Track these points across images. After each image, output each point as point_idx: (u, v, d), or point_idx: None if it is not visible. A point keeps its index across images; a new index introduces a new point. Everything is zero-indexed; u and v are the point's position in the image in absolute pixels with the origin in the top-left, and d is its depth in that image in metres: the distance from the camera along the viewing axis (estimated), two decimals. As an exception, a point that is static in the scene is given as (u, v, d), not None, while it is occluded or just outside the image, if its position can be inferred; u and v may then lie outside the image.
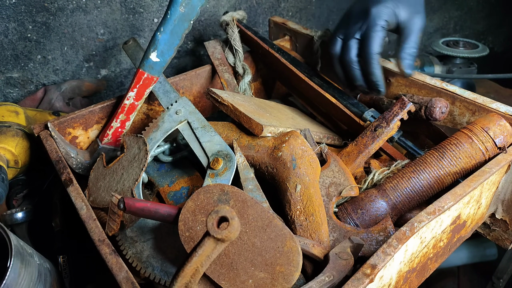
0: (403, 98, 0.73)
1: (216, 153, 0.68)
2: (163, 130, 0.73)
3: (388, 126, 0.73)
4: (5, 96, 1.06)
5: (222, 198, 0.53)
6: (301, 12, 1.50)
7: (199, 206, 0.52)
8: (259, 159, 0.69)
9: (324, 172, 0.70)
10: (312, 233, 0.60)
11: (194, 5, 0.74)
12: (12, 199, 0.87)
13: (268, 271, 0.50)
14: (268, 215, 0.52)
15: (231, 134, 0.73)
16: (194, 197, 0.53)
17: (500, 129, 0.68)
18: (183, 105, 0.75)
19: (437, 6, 1.88)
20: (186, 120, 0.73)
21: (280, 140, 0.69)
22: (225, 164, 0.66)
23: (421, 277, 0.67)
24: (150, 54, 0.77)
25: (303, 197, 0.63)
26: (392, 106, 0.74)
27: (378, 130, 0.74)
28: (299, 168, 0.65)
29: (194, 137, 0.71)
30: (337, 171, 0.71)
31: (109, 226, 0.60)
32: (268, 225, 0.52)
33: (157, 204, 0.53)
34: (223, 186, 0.54)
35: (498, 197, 0.75)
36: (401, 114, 0.73)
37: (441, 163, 0.67)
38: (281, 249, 0.50)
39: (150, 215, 0.52)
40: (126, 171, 0.65)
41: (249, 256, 0.50)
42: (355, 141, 0.75)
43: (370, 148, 0.73)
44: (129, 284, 0.50)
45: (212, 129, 0.71)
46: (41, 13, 1.00)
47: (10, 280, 0.57)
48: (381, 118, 0.75)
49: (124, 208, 0.51)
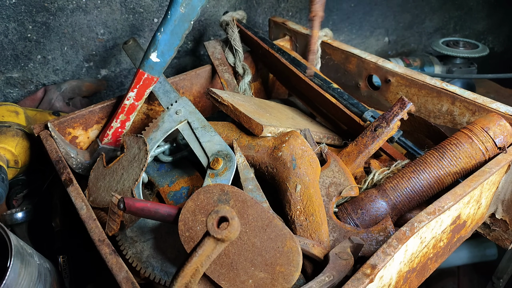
0: (403, 98, 0.73)
1: (216, 153, 0.68)
2: (163, 130, 0.73)
3: (388, 126, 0.73)
4: (5, 96, 1.06)
5: (222, 198, 0.53)
6: (301, 12, 1.50)
7: (199, 206, 0.52)
8: (259, 159, 0.69)
9: (324, 172, 0.70)
10: (312, 233, 0.60)
11: (194, 5, 0.74)
12: (12, 199, 0.87)
13: (268, 271, 0.50)
14: (268, 215, 0.52)
15: (231, 134, 0.73)
16: (194, 197, 0.53)
17: (500, 129, 0.68)
18: (183, 105, 0.75)
19: (437, 6, 1.88)
20: (186, 120, 0.73)
21: (280, 140, 0.69)
22: (225, 164, 0.66)
23: (421, 277, 0.67)
24: (150, 55, 0.77)
25: (303, 197, 0.63)
26: (392, 106, 0.74)
27: (378, 130, 0.74)
28: (299, 168, 0.65)
29: (194, 137, 0.71)
30: (337, 171, 0.71)
31: (109, 226, 0.60)
32: (268, 225, 0.51)
33: (157, 204, 0.53)
34: (223, 186, 0.54)
35: (498, 197, 0.75)
36: (401, 114, 0.73)
37: (441, 163, 0.67)
38: (281, 249, 0.50)
39: (150, 215, 0.52)
40: (126, 171, 0.65)
41: (249, 256, 0.50)
42: (355, 141, 0.75)
43: (370, 148, 0.73)
44: (129, 284, 0.50)
45: (212, 129, 0.71)
46: (41, 13, 1.00)
47: (10, 280, 0.57)
48: (381, 118, 0.75)
49: (124, 208, 0.51)
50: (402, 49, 1.90)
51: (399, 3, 1.76)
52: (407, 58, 1.44)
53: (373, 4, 1.70)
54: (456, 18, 2.00)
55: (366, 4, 1.68)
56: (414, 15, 1.84)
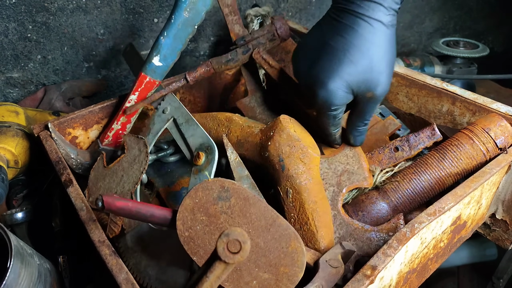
0: (434, 127, 0.70)
1: (199, 146, 0.65)
2: (154, 132, 0.71)
3: (409, 151, 0.69)
4: (5, 96, 1.05)
5: (223, 195, 0.50)
6: (301, 12, 1.50)
7: (198, 204, 0.50)
8: (251, 157, 0.65)
9: (337, 157, 0.65)
10: (308, 242, 0.59)
11: (199, 10, 0.73)
12: (12, 199, 0.86)
13: (272, 272, 0.48)
14: (272, 214, 0.50)
15: (220, 130, 0.70)
16: (192, 194, 0.50)
17: (501, 130, 0.67)
18: (169, 102, 0.72)
19: (437, 6, 1.88)
20: (172, 118, 0.71)
21: (266, 135, 0.63)
22: (206, 157, 0.63)
23: (421, 277, 0.67)
24: (152, 58, 0.76)
25: (295, 204, 0.60)
26: (420, 131, 0.70)
27: (398, 152, 0.70)
28: (288, 169, 0.60)
29: (180, 134, 0.69)
30: (351, 156, 0.66)
31: (110, 229, 0.60)
32: (272, 225, 0.49)
33: (139, 203, 0.50)
34: (223, 181, 0.50)
35: (498, 197, 0.75)
36: (427, 143, 0.69)
37: (442, 164, 0.66)
38: (286, 250, 0.49)
39: (131, 215, 0.49)
40: (126, 173, 0.65)
41: (253, 257, 0.49)
42: (370, 154, 0.71)
43: (383, 166, 0.70)
44: (129, 285, 0.50)
45: (194, 122, 0.68)
46: (41, 13, 1.00)
47: (10, 280, 0.56)
48: (405, 140, 0.70)
49: (102, 207, 0.48)
50: (402, 49, 1.90)
51: (399, 3, 1.75)
52: (407, 58, 1.44)
53: (373, 4, 1.69)
54: (456, 18, 1.99)
55: (366, 4, 1.67)
56: (414, 15, 1.83)
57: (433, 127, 0.70)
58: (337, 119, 0.63)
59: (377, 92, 0.59)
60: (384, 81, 0.59)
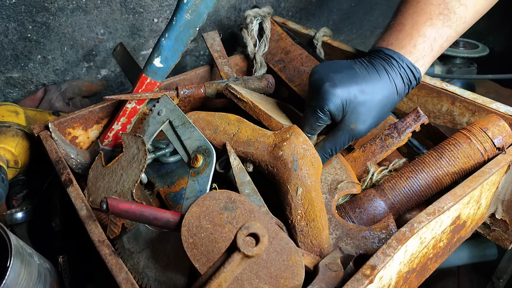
0: (418, 110, 0.72)
1: (196, 149, 0.65)
2: (149, 134, 0.70)
3: (399, 137, 0.72)
4: (5, 96, 1.06)
5: (229, 206, 0.52)
6: (301, 12, 1.50)
7: (204, 212, 0.51)
8: (259, 156, 0.66)
9: (326, 169, 0.69)
10: (313, 239, 0.60)
11: (200, 12, 0.72)
12: (12, 199, 0.87)
13: (273, 283, 0.49)
14: (275, 227, 0.52)
15: (228, 128, 0.70)
16: (199, 202, 0.52)
17: (499, 130, 0.68)
18: (164, 104, 0.72)
19: (437, 6, 1.88)
20: (168, 120, 0.70)
21: (281, 137, 0.66)
22: (204, 160, 0.63)
23: (421, 277, 0.67)
24: (153, 60, 0.76)
25: (304, 201, 0.61)
26: (406, 116, 0.73)
27: (388, 139, 0.72)
28: (300, 169, 0.63)
29: (176, 137, 0.68)
30: (339, 168, 0.70)
31: (111, 229, 0.60)
32: (274, 238, 0.51)
33: (143, 206, 0.51)
34: (230, 193, 0.53)
35: (498, 197, 0.75)
36: (414, 126, 0.72)
37: (439, 163, 0.67)
38: (286, 263, 0.50)
39: (135, 218, 0.50)
40: (125, 171, 0.65)
41: (254, 268, 0.50)
42: (363, 147, 0.74)
43: (377, 156, 0.73)
44: (128, 285, 0.50)
45: (191, 125, 0.67)
46: (41, 13, 1.00)
47: (10, 280, 0.57)
48: (393, 127, 0.73)
49: (107, 209, 0.48)
50: (402, 49, 1.89)
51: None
52: (407, 58, 1.44)
53: (373, 3, 1.70)
54: (456, 18, 1.99)
55: (366, 3, 1.68)
56: (414, 15, 1.83)
57: (417, 109, 0.72)
58: (317, 124, 0.68)
59: (358, 128, 0.67)
60: (368, 124, 0.67)
